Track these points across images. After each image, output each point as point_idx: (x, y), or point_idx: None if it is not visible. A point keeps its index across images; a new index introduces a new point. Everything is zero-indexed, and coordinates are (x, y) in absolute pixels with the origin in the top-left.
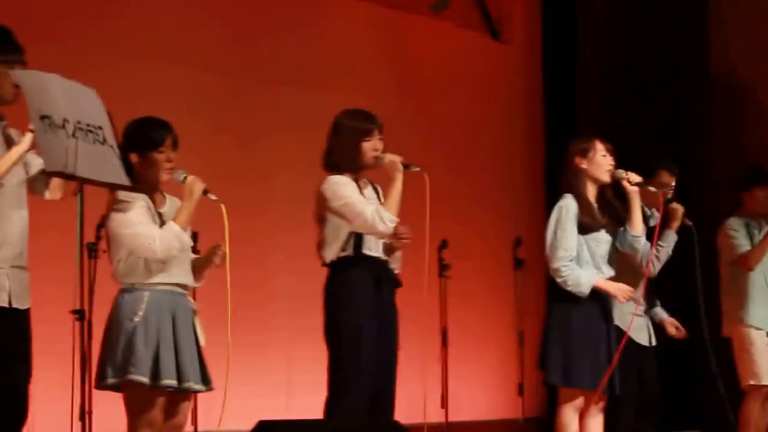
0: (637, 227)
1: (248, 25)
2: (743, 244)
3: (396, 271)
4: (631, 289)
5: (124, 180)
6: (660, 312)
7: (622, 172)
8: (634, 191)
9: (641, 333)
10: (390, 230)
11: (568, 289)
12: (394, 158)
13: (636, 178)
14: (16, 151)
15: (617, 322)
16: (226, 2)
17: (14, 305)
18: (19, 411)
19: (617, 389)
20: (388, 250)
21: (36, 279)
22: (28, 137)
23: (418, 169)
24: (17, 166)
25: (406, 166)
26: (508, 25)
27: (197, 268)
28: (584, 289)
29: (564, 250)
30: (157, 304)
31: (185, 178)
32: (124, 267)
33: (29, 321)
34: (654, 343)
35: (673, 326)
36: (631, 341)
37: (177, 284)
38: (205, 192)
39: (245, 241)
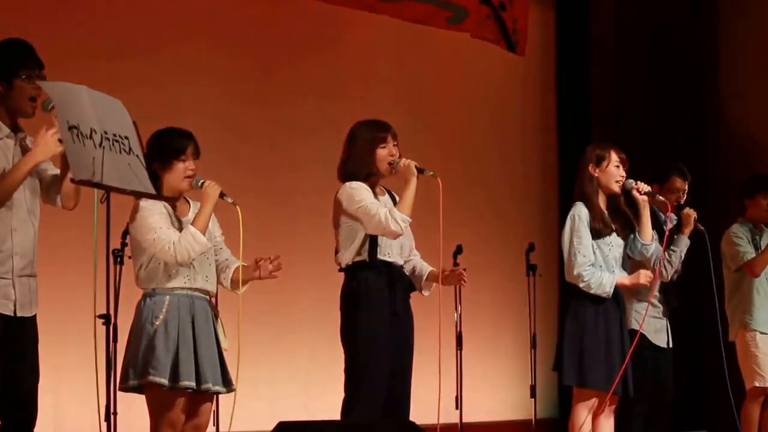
0: (646, 236)
1: (273, 36)
2: (748, 251)
3: (426, 294)
4: (648, 272)
5: (149, 188)
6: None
7: (631, 182)
8: (643, 200)
9: (659, 335)
10: (402, 231)
11: (592, 292)
12: (408, 162)
13: (645, 187)
14: (29, 161)
15: (635, 326)
16: (254, 18)
17: (19, 314)
18: (29, 416)
19: (630, 391)
20: (432, 277)
21: (63, 285)
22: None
23: (432, 173)
24: (34, 177)
25: (420, 170)
26: (523, 37)
27: (237, 278)
28: (609, 289)
29: (583, 256)
30: (177, 307)
31: (203, 183)
32: (145, 273)
33: (35, 327)
34: (671, 345)
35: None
36: (648, 343)
37: (197, 289)
38: (221, 195)
39: (268, 243)
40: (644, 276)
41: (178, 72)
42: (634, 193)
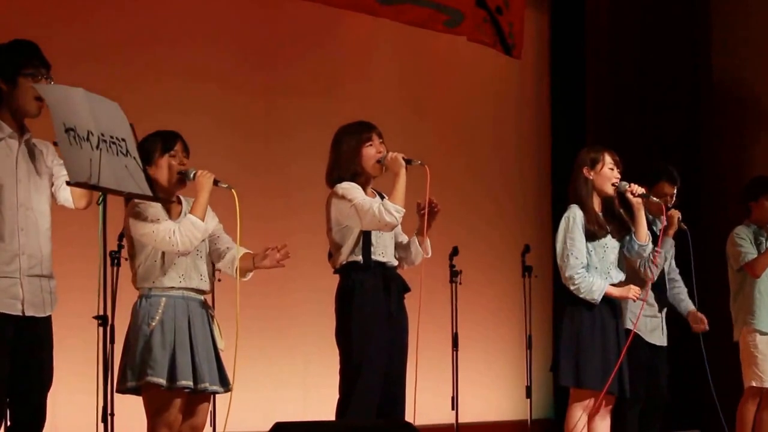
0: (642, 236)
1: (271, 39)
2: (750, 252)
3: (427, 256)
4: (638, 288)
5: (146, 190)
6: (688, 304)
7: (625, 184)
8: (637, 202)
9: (655, 334)
10: (398, 221)
11: (581, 296)
12: (395, 155)
13: (639, 189)
14: None
15: (629, 325)
16: (252, 15)
17: (28, 313)
18: (36, 418)
19: (627, 391)
20: (419, 235)
21: (61, 286)
22: None
23: (419, 162)
24: (42, 178)
25: (408, 161)
26: (519, 40)
27: (243, 266)
28: (597, 297)
29: (575, 258)
30: (173, 308)
31: (195, 174)
32: (142, 271)
33: (49, 328)
34: (666, 343)
35: (696, 320)
36: (643, 342)
37: (193, 288)
38: (215, 182)
39: (266, 244)
40: (633, 291)
41: (174, 70)
42: (628, 195)
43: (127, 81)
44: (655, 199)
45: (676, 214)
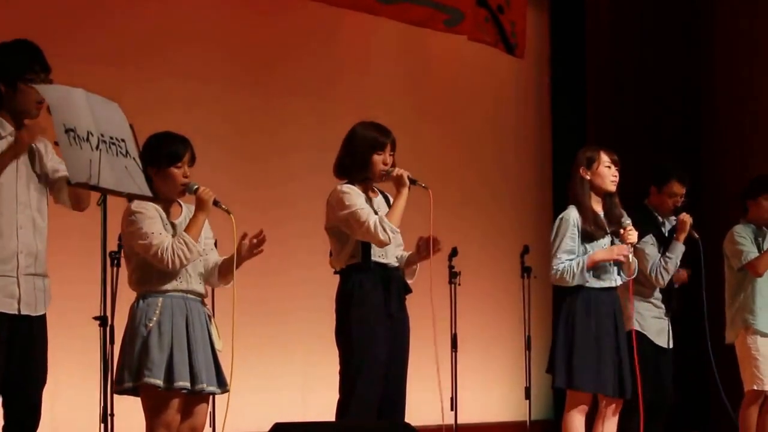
0: (628, 273)
1: (271, 38)
2: (751, 251)
3: (410, 281)
4: (623, 246)
5: (146, 191)
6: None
7: (627, 222)
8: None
9: (661, 336)
10: (390, 240)
11: (575, 283)
12: (401, 172)
13: (632, 238)
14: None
15: (637, 327)
16: (252, 17)
17: (24, 312)
18: (31, 417)
19: (627, 393)
20: (411, 260)
21: (62, 287)
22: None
23: (423, 185)
24: (40, 176)
25: (412, 181)
26: (522, 39)
27: (225, 269)
28: (581, 275)
29: (557, 258)
30: (170, 309)
31: (197, 189)
32: (138, 275)
33: (44, 327)
34: (671, 345)
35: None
36: (650, 344)
37: (191, 291)
38: (215, 203)
39: (265, 245)
40: (618, 250)
41: (174, 73)
42: (621, 234)
43: (127, 82)
44: (633, 259)
45: (689, 220)
